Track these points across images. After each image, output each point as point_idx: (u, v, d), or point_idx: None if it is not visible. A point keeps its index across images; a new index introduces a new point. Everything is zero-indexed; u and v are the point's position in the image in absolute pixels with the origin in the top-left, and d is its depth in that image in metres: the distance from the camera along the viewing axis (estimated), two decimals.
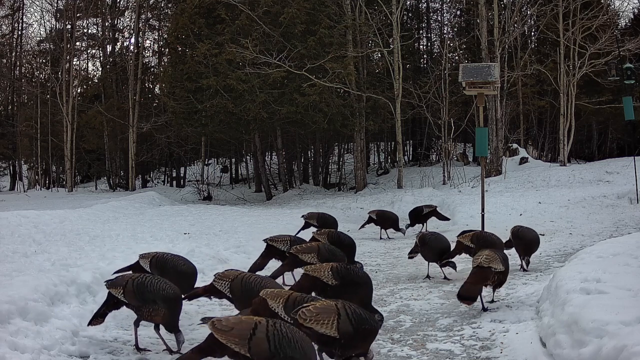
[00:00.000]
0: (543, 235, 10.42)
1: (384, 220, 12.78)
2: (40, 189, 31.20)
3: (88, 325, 5.40)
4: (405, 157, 30.32)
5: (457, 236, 8.31)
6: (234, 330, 3.84)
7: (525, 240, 8.27)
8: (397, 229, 12.59)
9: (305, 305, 4.40)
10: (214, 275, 5.65)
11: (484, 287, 6.35)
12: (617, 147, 29.49)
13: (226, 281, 5.46)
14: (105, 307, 5.39)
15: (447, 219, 13.29)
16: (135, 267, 6.35)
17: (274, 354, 3.73)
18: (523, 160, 22.58)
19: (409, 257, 8.76)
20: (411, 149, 33.97)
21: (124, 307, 5.36)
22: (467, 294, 6.07)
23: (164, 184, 33.44)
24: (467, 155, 29.02)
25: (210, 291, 5.64)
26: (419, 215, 13.03)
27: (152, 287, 5.11)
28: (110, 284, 5.33)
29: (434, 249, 8.06)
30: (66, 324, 5.45)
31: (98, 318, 5.37)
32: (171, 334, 5.15)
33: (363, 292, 5.48)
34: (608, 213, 13.40)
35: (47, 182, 33.59)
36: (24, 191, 29.97)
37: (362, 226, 13.12)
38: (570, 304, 4.75)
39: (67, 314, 5.71)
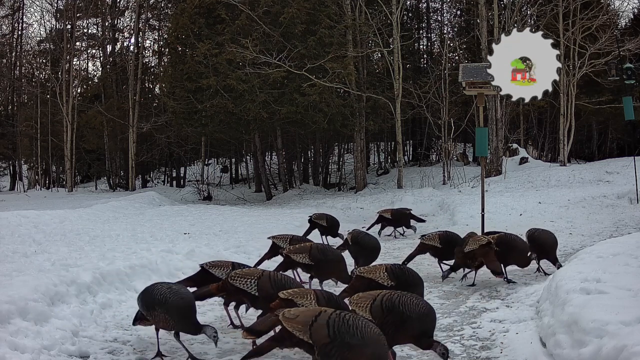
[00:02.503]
0: None
1: (399, 219, 12.72)
2: (40, 189, 31.16)
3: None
4: (405, 157, 30.29)
5: None
6: (299, 318, 4.00)
7: (539, 242, 8.12)
8: (408, 226, 12.66)
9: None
10: (231, 275, 5.37)
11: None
12: (617, 147, 29.44)
13: (251, 279, 5.22)
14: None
15: (423, 221, 13.19)
16: (195, 278, 6.08)
17: (332, 340, 3.85)
18: (523, 160, 22.59)
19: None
20: (411, 149, 33.95)
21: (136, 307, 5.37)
22: (496, 269, 7.18)
23: (164, 184, 33.41)
24: (467, 155, 28.99)
25: (223, 290, 5.42)
26: None
27: (153, 293, 5.01)
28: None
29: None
30: (66, 324, 5.46)
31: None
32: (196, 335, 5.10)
33: (417, 292, 5.40)
34: (608, 213, 13.41)
35: (47, 182, 33.55)
36: (24, 191, 29.94)
37: (371, 226, 12.73)
38: (570, 304, 4.74)
39: (67, 314, 5.72)
